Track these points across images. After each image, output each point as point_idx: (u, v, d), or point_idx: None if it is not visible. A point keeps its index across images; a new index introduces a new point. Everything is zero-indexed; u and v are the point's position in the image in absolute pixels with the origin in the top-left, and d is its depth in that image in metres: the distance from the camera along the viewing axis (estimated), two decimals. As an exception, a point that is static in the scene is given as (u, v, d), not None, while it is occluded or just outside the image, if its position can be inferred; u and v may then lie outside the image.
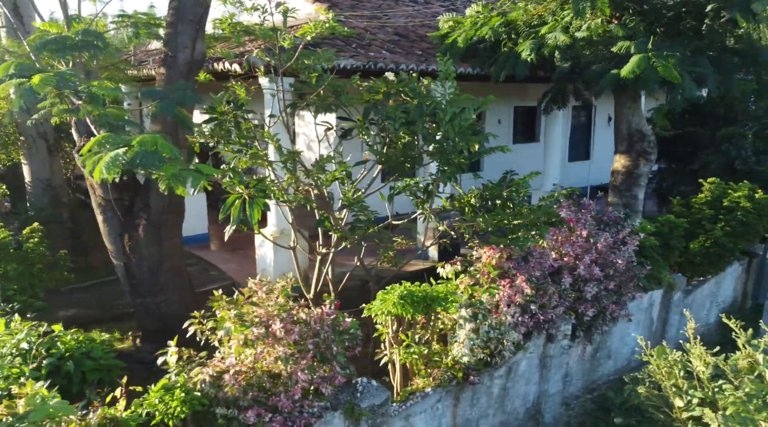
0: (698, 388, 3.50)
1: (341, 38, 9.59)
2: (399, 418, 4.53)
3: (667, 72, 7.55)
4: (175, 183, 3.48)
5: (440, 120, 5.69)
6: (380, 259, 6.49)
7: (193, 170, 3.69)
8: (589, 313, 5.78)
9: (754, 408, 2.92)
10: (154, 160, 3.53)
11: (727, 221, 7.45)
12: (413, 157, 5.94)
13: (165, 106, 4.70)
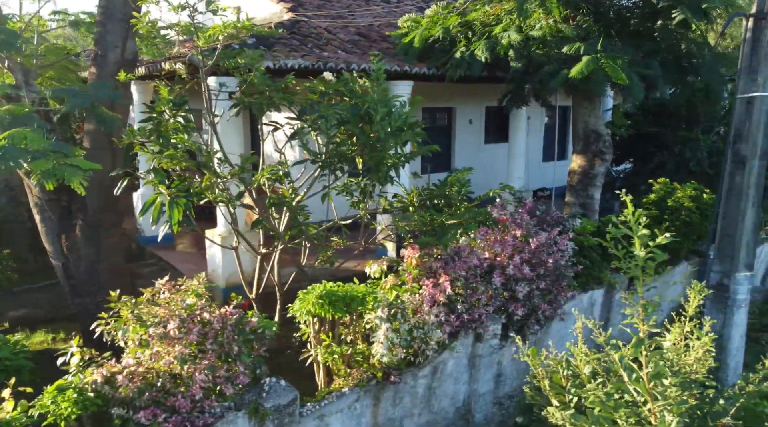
0: (579, 388, 3.51)
1: (298, 38, 9.60)
2: (312, 418, 4.53)
3: (614, 73, 7.58)
4: (47, 178, 3.47)
5: (373, 120, 5.70)
6: (318, 259, 6.49)
7: (70, 165, 3.68)
8: (518, 312, 5.79)
9: (612, 407, 2.93)
10: (19, 155, 3.52)
11: (671, 221, 7.48)
12: (346, 158, 5.94)
13: (75, 103, 4.69)
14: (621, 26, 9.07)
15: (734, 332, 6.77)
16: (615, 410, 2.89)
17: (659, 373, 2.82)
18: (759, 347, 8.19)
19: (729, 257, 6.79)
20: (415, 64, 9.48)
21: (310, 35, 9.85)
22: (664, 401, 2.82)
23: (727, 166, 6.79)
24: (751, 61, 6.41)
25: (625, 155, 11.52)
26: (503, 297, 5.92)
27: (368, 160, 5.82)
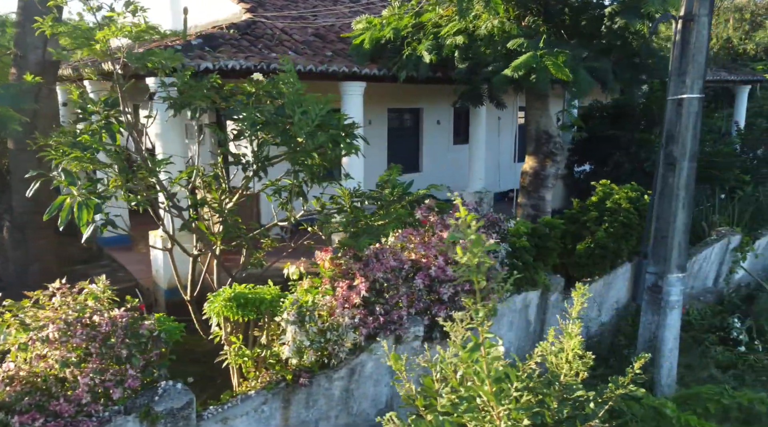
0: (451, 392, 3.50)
1: (249, 38, 9.58)
2: (214, 421, 4.51)
3: (556, 69, 7.60)
4: None
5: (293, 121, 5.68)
6: (250, 260, 6.48)
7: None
8: (441, 314, 5.78)
9: (463, 409, 2.92)
10: None
11: (610, 223, 7.49)
12: (268, 159, 5.92)
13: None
14: (573, 27, 9.10)
15: (667, 334, 6.79)
16: (467, 413, 2.87)
17: (500, 377, 2.81)
18: (703, 347, 8.21)
19: (663, 259, 6.80)
20: (366, 65, 9.48)
21: (263, 36, 9.83)
22: (507, 405, 2.81)
23: (660, 168, 6.81)
24: (680, 63, 6.43)
25: (585, 157, 11.54)
26: (428, 299, 5.91)
27: (291, 161, 5.81)
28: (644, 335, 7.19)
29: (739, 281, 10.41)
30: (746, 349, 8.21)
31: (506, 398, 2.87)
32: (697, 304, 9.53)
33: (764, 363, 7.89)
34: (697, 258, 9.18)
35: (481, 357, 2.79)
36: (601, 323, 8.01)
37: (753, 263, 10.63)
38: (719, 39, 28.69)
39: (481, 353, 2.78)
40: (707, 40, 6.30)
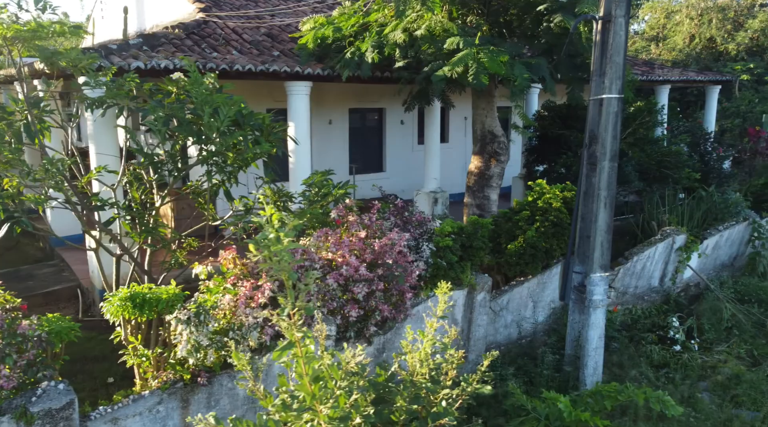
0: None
1: (194, 38, 9.56)
2: (102, 421, 4.50)
3: (492, 65, 7.61)
4: None
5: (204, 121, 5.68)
6: (171, 260, 6.47)
7: None
8: (352, 314, 5.78)
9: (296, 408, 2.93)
10: None
11: (541, 222, 7.51)
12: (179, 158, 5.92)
13: None
14: (515, 26, 9.13)
15: (592, 333, 6.81)
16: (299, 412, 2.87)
17: (318, 377, 2.82)
18: (640, 346, 8.24)
19: (588, 258, 6.83)
20: (310, 64, 9.47)
21: (210, 36, 9.82)
22: (329, 403, 2.82)
23: (583, 168, 6.83)
24: (600, 63, 6.45)
25: (539, 157, 11.56)
26: (342, 299, 5.92)
27: (203, 162, 5.81)
28: (572, 334, 7.22)
29: (688, 280, 10.45)
30: (682, 348, 8.24)
31: (332, 398, 2.87)
32: (642, 303, 9.58)
33: (697, 362, 7.93)
34: (640, 257, 9.22)
35: (298, 357, 2.79)
36: (536, 323, 8.03)
37: (704, 262, 10.67)
38: (702, 39, 28.83)
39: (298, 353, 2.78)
40: (625, 41, 6.33)
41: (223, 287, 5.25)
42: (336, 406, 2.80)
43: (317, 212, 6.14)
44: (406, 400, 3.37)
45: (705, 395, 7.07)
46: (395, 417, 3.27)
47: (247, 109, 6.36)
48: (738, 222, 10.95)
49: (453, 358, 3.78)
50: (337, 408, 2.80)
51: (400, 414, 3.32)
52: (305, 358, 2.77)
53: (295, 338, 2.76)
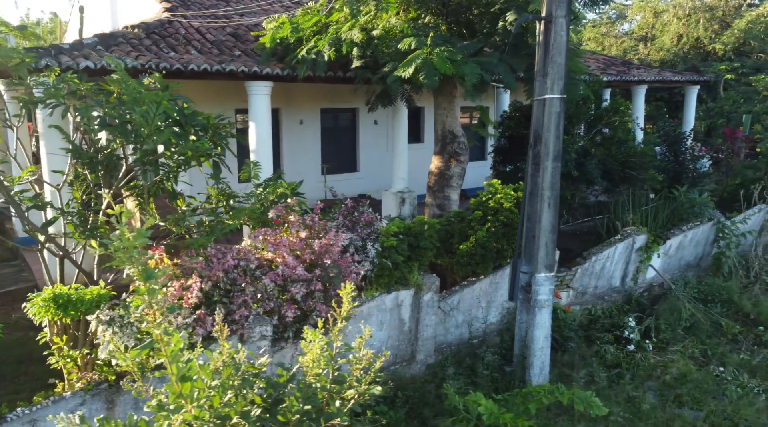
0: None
1: (155, 37, 9.54)
2: (20, 423, 4.48)
3: (441, 65, 7.62)
4: None
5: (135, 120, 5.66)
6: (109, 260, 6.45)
7: None
8: (288, 314, 5.78)
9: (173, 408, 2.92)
10: None
11: (492, 222, 7.52)
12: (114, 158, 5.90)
13: None
14: (473, 26, 9.13)
15: (537, 333, 6.81)
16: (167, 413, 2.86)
17: (185, 376, 2.81)
18: (597, 347, 8.24)
19: (534, 258, 6.83)
20: (269, 64, 9.46)
21: (170, 35, 9.80)
22: (196, 403, 2.82)
23: (529, 168, 6.84)
24: (544, 63, 6.46)
25: (506, 158, 11.56)
26: (281, 299, 5.91)
27: (136, 162, 5.79)
28: (519, 334, 7.22)
29: (652, 280, 10.47)
30: (636, 348, 8.25)
31: (203, 397, 2.87)
32: (603, 303, 9.58)
33: (650, 362, 7.94)
34: (599, 257, 9.23)
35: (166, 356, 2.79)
36: (489, 323, 8.04)
37: (668, 262, 10.69)
38: (689, 39, 28.87)
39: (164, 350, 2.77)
40: (566, 42, 6.33)
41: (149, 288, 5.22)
42: (204, 406, 2.80)
43: (256, 212, 6.13)
44: (299, 400, 3.37)
45: (651, 395, 7.08)
46: (282, 417, 3.26)
47: (190, 109, 6.34)
48: (703, 222, 10.97)
49: (357, 359, 3.77)
50: (205, 408, 2.79)
51: (291, 415, 3.31)
52: (170, 357, 2.76)
53: (157, 336, 2.75)
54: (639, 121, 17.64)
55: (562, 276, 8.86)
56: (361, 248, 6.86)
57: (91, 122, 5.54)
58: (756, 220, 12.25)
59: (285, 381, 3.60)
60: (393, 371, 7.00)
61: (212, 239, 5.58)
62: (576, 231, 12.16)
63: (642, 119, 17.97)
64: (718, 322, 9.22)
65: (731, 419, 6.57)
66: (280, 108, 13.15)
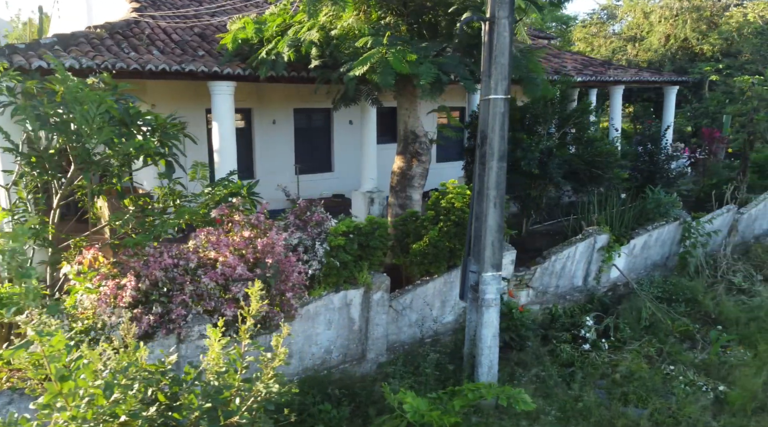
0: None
1: (118, 37, 9.56)
2: (-55, 420, 4.50)
3: (397, 64, 7.64)
4: None
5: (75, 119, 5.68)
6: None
7: None
8: (228, 313, 5.81)
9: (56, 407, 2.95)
10: None
11: (444, 222, 7.55)
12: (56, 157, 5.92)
13: None
14: (434, 26, 9.17)
15: (485, 332, 6.85)
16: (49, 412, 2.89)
17: (63, 376, 2.83)
18: (553, 346, 8.29)
19: (481, 258, 6.87)
20: (231, 64, 9.48)
21: (134, 36, 9.81)
22: (76, 402, 2.84)
23: (476, 168, 6.88)
24: (489, 64, 6.50)
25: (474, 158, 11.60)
26: (222, 298, 5.94)
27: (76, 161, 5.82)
28: (469, 333, 7.26)
29: (616, 280, 10.52)
30: (591, 347, 8.30)
31: (87, 396, 2.90)
32: (565, 302, 9.63)
33: (604, 360, 7.99)
34: (559, 257, 9.28)
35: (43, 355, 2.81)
36: (444, 322, 8.08)
37: (633, 262, 10.75)
38: (677, 39, 28.94)
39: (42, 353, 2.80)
40: (510, 43, 6.37)
41: (85, 287, 5.26)
42: (84, 406, 2.82)
43: (197, 212, 6.15)
44: (199, 398, 3.40)
45: (600, 393, 7.13)
46: (178, 415, 3.29)
47: (135, 108, 6.37)
48: (668, 222, 11.03)
49: (266, 357, 3.81)
50: (83, 408, 2.82)
51: (188, 412, 3.34)
52: (48, 356, 2.78)
53: (33, 336, 2.78)
54: (616, 121, 17.73)
55: (521, 275, 8.90)
56: (310, 248, 6.90)
57: (32, 122, 5.55)
58: (725, 220, 12.33)
59: (192, 379, 3.63)
60: (342, 370, 7.04)
61: (151, 238, 5.60)
62: (549, 231, 12.21)
63: (619, 119, 18.04)
64: (677, 321, 9.27)
65: (675, 417, 6.63)
66: (252, 108, 13.18)
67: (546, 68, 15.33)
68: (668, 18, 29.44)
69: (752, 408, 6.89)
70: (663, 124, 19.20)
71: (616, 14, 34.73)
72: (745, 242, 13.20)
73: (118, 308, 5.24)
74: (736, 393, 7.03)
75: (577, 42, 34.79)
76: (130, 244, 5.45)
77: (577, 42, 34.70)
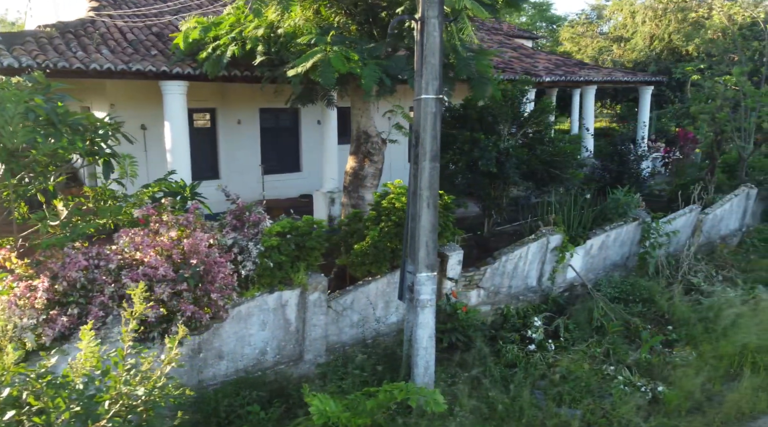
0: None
1: (69, 36, 9.50)
2: None
3: (338, 63, 7.63)
4: None
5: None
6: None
7: None
8: (150, 315, 5.76)
9: None
10: None
11: (385, 222, 7.53)
12: None
13: None
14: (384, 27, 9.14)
15: (421, 332, 6.82)
16: None
17: None
18: (500, 346, 8.27)
19: (416, 258, 6.84)
20: (178, 64, 9.43)
21: (86, 35, 9.76)
22: None
23: (411, 168, 6.85)
24: (421, 64, 6.47)
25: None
26: (147, 299, 5.89)
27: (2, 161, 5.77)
28: (407, 334, 7.24)
29: (573, 280, 10.50)
30: (537, 347, 8.29)
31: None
32: (518, 303, 9.61)
33: (548, 361, 7.98)
34: (510, 257, 9.26)
35: None
36: (389, 323, 8.05)
37: (591, 262, 10.74)
38: (662, 40, 28.98)
39: None
40: (440, 42, 6.35)
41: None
42: None
43: (120, 212, 6.11)
44: (65, 401, 3.36)
45: (538, 394, 7.11)
46: (39, 419, 3.25)
47: (63, 108, 6.32)
48: (627, 222, 11.03)
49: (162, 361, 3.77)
50: None
51: (56, 415, 3.30)
52: None
53: None
54: (588, 121, 17.75)
55: (471, 276, 8.88)
56: (246, 248, 6.86)
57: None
58: (688, 220, 12.34)
59: (62, 382, 3.58)
60: (278, 371, 7.01)
61: (71, 238, 5.56)
62: (517, 231, 12.20)
63: (592, 119, 18.05)
64: (628, 321, 9.26)
65: (608, 418, 6.62)
66: (216, 108, 13.13)
67: (516, 68, 15.36)
68: (653, 18, 29.48)
69: (687, 408, 6.90)
70: (639, 124, 19.29)
71: (604, 14, 34.78)
72: (710, 242, 13.23)
73: (31, 309, 5.20)
74: (673, 393, 7.03)
75: (564, 42, 34.84)
76: (44, 245, 5.41)
77: (565, 42, 34.75)
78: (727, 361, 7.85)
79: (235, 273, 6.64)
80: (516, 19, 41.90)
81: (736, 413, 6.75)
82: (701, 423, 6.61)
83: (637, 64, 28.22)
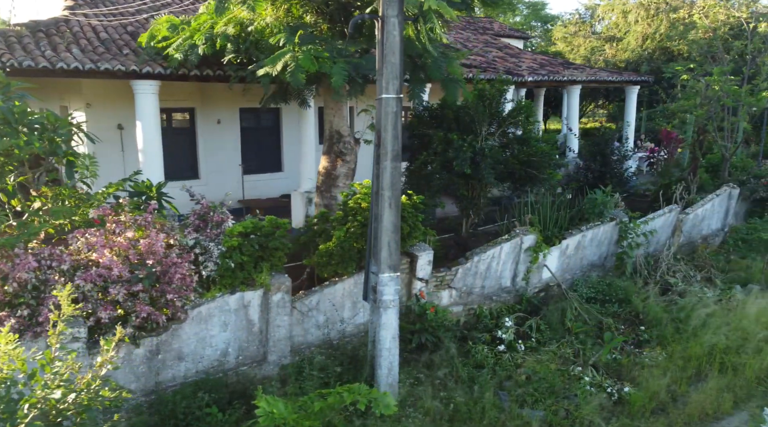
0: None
1: (40, 35, 9.45)
2: None
3: (306, 63, 7.58)
4: None
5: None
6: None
7: None
8: (102, 315, 5.72)
9: None
10: None
11: (351, 222, 7.49)
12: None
13: None
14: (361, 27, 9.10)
15: (384, 333, 6.79)
16: None
17: None
18: (470, 347, 8.23)
19: (378, 259, 6.80)
20: (147, 63, 9.37)
21: (58, 34, 9.70)
22: None
23: (374, 168, 6.81)
24: (382, 63, 6.43)
25: (412, 156, 11.54)
26: (102, 300, 5.85)
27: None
28: (371, 335, 7.20)
29: (549, 280, 10.46)
30: (507, 348, 8.25)
31: None
32: (491, 303, 9.58)
33: (517, 362, 7.94)
34: (482, 257, 9.23)
35: None
36: (356, 324, 8.01)
37: (567, 262, 10.71)
38: (654, 39, 28.97)
39: None
40: (400, 42, 6.31)
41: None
42: None
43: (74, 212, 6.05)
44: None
45: (503, 395, 7.08)
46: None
47: (21, 107, 6.28)
48: (604, 222, 11.01)
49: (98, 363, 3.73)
50: None
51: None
52: None
53: None
54: (572, 120, 17.72)
55: (442, 276, 8.84)
56: (208, 249, 6.82)
57: None
58: (668, 220, 12.32)
59: None
60: (241, 373, 6.96)
61: (22, 239, 5.50)
62: (498, 232, 12.16)
63: (576, 119, 18.01)
64: (601, 321, 9.23)
65: (571, 418, 6.59)
66: (195, 107, 13.07)
67: (498, 68, 15.32)
68: (645, 18, 29.48)
69: (651, 409, 6.87)
70: (625, 123, 19.27)
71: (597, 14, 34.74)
72: (692, 242, 13.21)
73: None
74: (639, 394, 7.00)
75: (557, 42, 34.81)
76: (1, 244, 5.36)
77: (558, 42, 34.72)
78: (695, 361, 7.82)
79: (196, 274, 6.60)
80: (510, 18, 41.95)
81: (700, 414, 6.73)
82: (664, 424, 6.58)
83: (630, 63, 28.19)
